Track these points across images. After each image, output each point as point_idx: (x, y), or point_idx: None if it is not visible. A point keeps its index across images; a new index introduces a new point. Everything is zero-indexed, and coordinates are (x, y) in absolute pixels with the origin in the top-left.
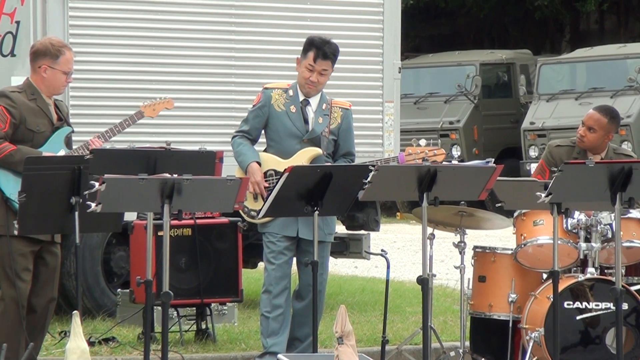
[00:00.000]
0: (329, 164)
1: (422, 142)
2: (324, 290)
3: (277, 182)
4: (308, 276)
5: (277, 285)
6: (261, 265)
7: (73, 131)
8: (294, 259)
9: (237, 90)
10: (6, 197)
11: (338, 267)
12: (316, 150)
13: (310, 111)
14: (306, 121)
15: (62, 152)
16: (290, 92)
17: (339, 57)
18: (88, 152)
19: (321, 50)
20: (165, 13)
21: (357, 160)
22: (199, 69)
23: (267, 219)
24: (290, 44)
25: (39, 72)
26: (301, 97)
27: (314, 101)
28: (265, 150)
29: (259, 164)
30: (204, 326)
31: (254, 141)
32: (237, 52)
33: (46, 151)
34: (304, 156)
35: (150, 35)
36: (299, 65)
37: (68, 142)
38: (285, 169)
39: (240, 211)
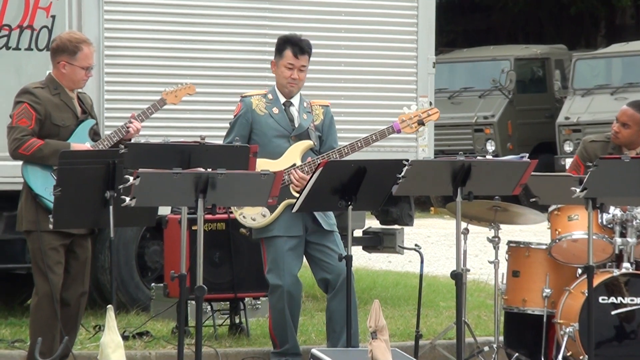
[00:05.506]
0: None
1: (413, 107)
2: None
3: (310, 177)
4: (327, 268)
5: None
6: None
7: (97, 123)
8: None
9: (271, 85)
10: (35, 193)
11: (372, 261)
12: (307, 143)
13: (294, 110)
14: (291, 120)
15: (87, 145)
16: (270, 96)
17: (374, 52)
18: (126, 130)
19: (298, 46)
20: (201, 7)
21: (392, 155)
22: (234, 63)
23: (268, 221)
24: (324, 39)
25: (58, 67)
26: (282, 100)
27: (296, 101)
28: None
29: None
30: (237, 320)
31: None
32: (271, 47)
33: (73, 143)
34: (295, 151)
35: (185, 30)
36: (275, 68)
37: (93, 135)
38: (319, 164)
39: (238, 218)
